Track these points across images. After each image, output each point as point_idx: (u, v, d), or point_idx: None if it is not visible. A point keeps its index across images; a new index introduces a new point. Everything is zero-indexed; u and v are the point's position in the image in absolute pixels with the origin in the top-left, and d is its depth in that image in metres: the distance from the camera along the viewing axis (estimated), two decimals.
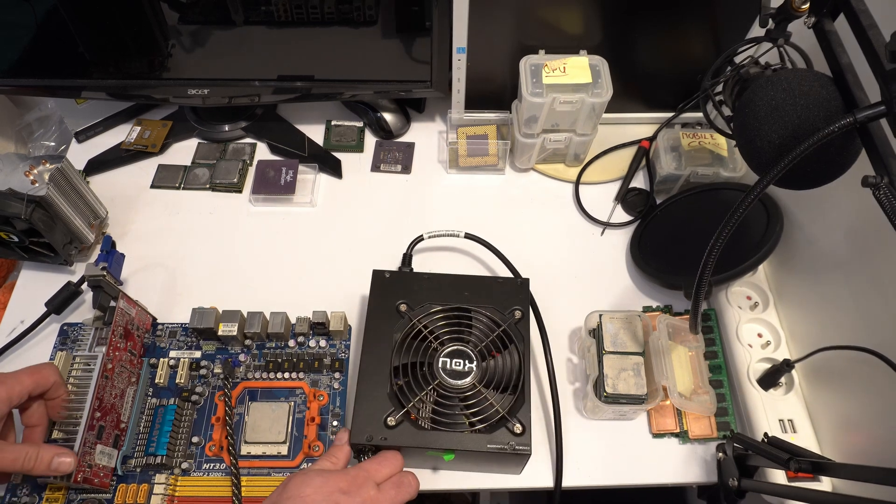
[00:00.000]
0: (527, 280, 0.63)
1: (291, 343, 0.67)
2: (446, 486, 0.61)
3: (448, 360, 0.58)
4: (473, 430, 0.55)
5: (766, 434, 0.58)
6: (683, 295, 0.71)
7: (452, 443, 0.54)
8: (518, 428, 0.54)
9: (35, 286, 0.72)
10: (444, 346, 0.58)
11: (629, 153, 0.83)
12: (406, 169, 0.84)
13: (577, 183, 0.82)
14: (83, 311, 0.71)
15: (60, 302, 0.68)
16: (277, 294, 0.72)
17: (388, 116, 0.86)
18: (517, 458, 0.55)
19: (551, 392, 0.63)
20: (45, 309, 0.68)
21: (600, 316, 0.64)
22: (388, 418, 0.55)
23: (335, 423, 0.63)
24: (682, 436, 0.64)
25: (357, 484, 0.49)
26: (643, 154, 0.82)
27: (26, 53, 0.75)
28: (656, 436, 0.64)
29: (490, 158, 0.82)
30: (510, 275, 0.71)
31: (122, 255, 0.73)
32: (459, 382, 0.57)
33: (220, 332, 0.64)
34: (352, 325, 0.69)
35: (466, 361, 0.58)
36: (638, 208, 0.79)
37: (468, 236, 0.73)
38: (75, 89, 0.80)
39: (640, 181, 0.82)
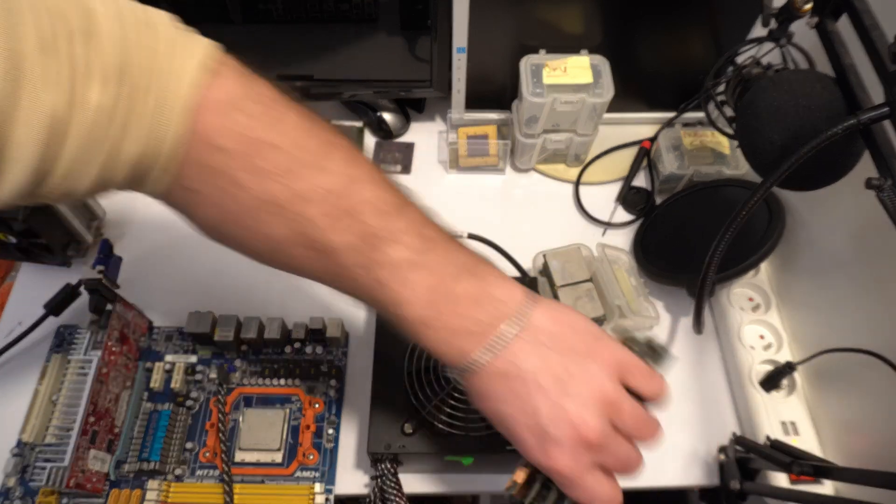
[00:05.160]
0: (535, 279, 0.63)
1: (288, 349, 0.66)
2: (447, 490, 0.61)
3: None
4: (491, 433, 0.54)
5: (768, 437, 0.58)
6: (687, 293, 0.70)
7: (471, 446, 0.54)
8: None
9: (33, 287, 0.72)
10: None
11: (630, 153, 0.83)
12: (406, 169, 0.84)
13: (577, 183, 0.81)
14: (82, 312, 0.70)
15: (59, 303, 0.67)
16: (275, 297, 0.72)
17: (387, 116, 0.85)
18: None
19: None
20: (44, 311, 0.68)
21: (544, 255, 0.67)
22: (405, 425, 0.54)
23: (330, 430, 0.62)
24: None
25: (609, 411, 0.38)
26: (644, 154, 0.81)
27: None
28: None
29: (490, 159, 0.82)
30: (517, 274, 0.70)
31: (120, 259, 0.72)
32: None
33: (216, 337, 0.64)
34: (349, 332, 0.69)
35: None
36: (638, 206, 0.79)
37: (471, 236, 0.72)
38: None
39: (641, 182, 0.82)
